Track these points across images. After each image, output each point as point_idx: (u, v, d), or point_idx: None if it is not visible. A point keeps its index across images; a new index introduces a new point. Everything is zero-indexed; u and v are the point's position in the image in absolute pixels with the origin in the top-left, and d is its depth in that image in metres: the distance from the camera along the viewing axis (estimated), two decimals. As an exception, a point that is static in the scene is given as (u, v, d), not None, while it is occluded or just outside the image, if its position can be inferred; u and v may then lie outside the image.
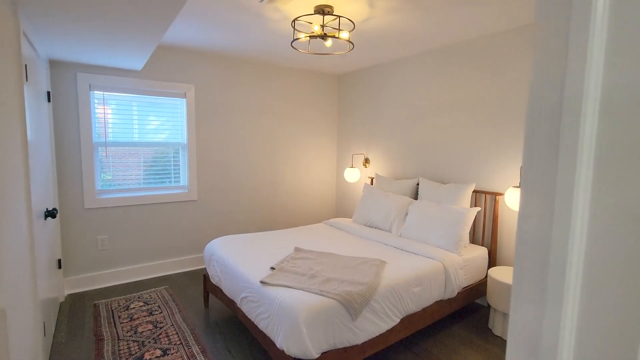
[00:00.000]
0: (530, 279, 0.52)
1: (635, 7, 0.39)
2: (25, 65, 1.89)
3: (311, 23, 2.52)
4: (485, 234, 3.03)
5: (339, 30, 2.40)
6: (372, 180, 4.10)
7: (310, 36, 2.40)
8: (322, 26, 2.42)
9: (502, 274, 2.57)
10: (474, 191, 3.05)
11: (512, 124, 2.81)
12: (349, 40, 2.48)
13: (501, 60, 2.86)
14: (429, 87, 3.47)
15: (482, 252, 2.85)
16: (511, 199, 2.57)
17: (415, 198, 3.46)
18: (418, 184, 3.48)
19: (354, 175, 4.15)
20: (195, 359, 2.20)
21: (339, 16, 2.34)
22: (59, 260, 2.99)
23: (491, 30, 2.84)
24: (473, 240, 3.11)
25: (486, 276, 2.89)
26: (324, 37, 2.40)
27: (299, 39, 2.45)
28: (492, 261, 2.93)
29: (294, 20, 2.41)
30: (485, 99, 2.99)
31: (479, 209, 2.86)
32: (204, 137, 3.76)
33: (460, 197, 2.96)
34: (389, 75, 3.91)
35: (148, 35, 2.25)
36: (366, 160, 4.28)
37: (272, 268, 2.31)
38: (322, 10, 2.35)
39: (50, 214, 2.34)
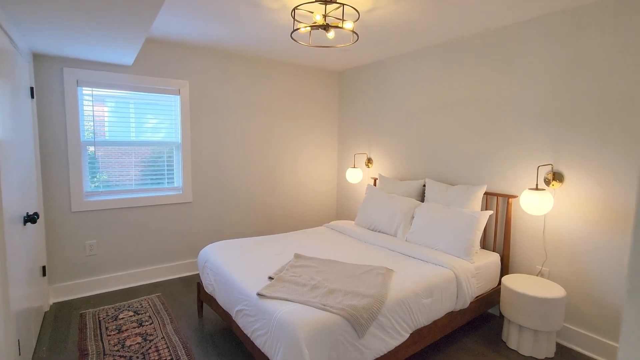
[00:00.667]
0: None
1: None
2: (-3, 56, 1.71)
3: (312, 12, 2.34)
4: (497, 238, 2.85)
5: (343, 20, 2.21)
6: (375, 181, 3.92)
7: (311, 26, 2.22)
8: (325, 16, 2.24)
9: (516, 282, 2.39)
10: (485, 193, 2.88)
11: (525, 122, 2.63)
12: (353, 31, 2.29)
13: (512, 56, 2.68)
14: (435, 83, 3.29)
15: (494, 258, 2.67)
16: (527, 202, 2.39)
17: (422, 200, 3.29)
18: (424, 185, 3.30)
19: (356, 175, 3.97)
20: (186, 377, 2.03)
21: (343, 4, 2.15)
22: (44, 267, 2.81)
23: (501, 23, 2.66)
24: (484, 245, 2.93)
25: (499, 284, 2.71)
26: (326, 27, 2.21)
27: (298, 29, 2.27)
28: (505, 268, 2.75)
29: (293, 10, 2.22)
30: (494, 96, 2.81)
31: (491, 212, 2.67)
32: (199, 136, 3.58)
33: (470, 199, 2.78)
34: (391, 71, 3.72)
35: (134, 25, 2.07)
36: (369, 160, 4.10)
37: (270, 278, 2.13)
38: (324, -2, 2.16)
39: (30, 218, 2.15)
